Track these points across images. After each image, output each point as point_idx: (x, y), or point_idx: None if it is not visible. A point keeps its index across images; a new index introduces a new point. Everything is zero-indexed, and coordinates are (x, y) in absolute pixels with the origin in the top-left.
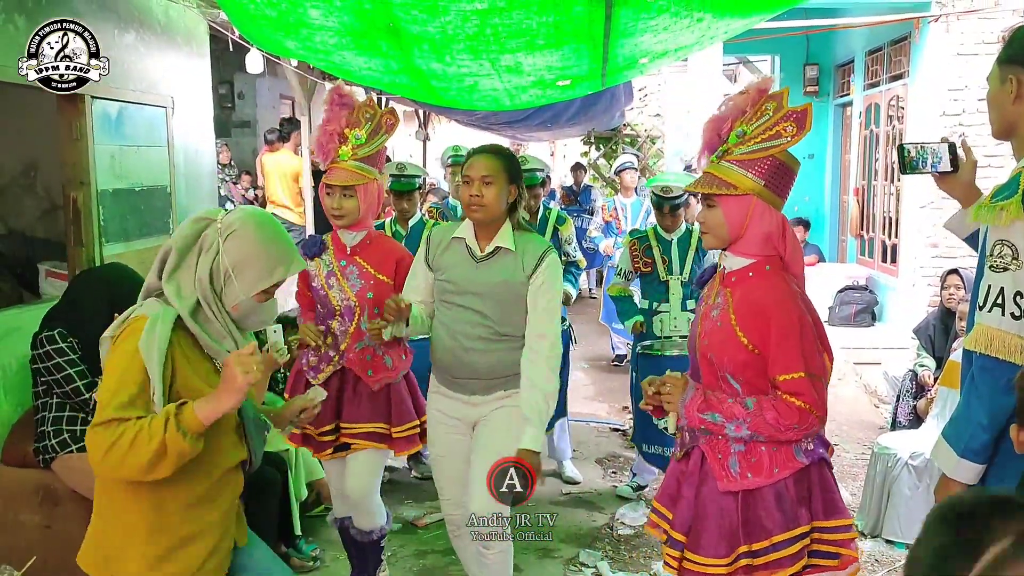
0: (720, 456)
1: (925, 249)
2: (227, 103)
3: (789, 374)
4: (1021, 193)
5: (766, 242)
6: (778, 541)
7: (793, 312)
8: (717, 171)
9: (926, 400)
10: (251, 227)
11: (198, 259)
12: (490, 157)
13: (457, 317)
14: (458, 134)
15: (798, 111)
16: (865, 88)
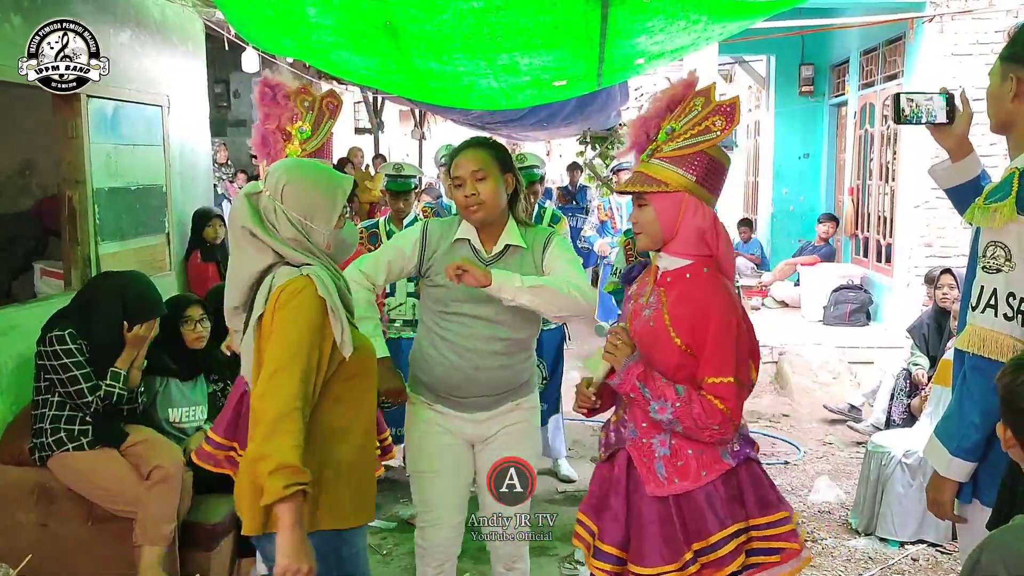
0: (646, 460)
1: (919, 249)
2: (223, 102)
3: (719, 378)
4: (1014, 195)
5: (700, 240)
6: (715, 540)
7: (732, 317)
8: (647, 169)
9: (920, 399)
10: (295, 173)
11: (277, 227)
12: (476, 150)
13: (466, 332)
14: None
15: (726, 105)
16: (860, 88)
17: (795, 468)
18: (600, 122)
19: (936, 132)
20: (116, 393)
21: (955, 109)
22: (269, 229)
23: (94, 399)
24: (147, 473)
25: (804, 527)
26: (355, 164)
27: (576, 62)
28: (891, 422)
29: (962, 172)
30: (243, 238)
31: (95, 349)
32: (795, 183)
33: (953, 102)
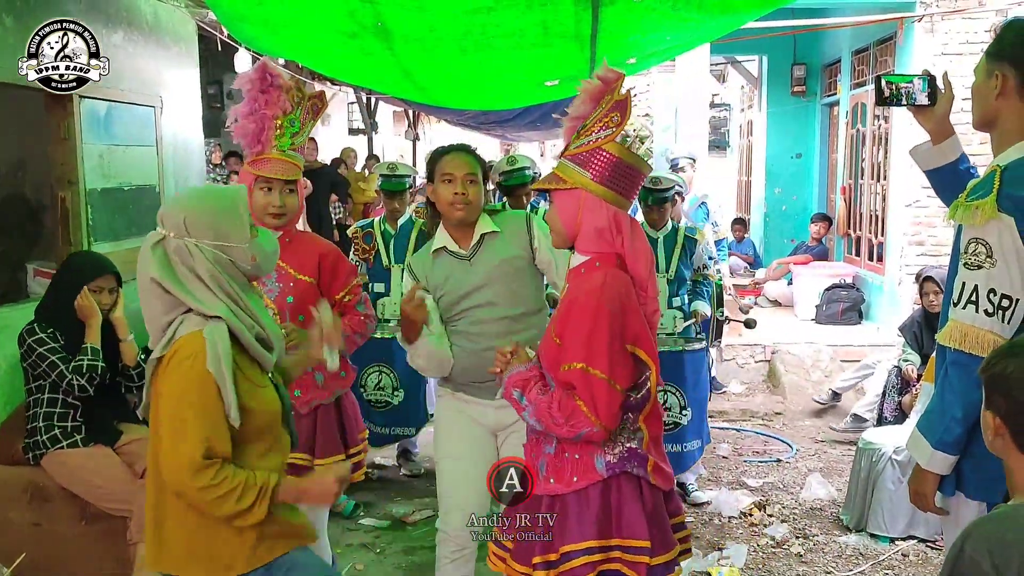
0: (534, 456)
1: (910, 247)
2: (216, 103)
3: (568, 364)
4: (995, 193)
5: (599, 237)
6: (567, 551)
7: (592, 304)
8: (557, 168)
9: (911, 396)
10: (190, 203)
11: (193, 269)
12: (469, 156)
13: (470, 320)
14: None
15: (620, 100)
16: (852, 88)
17: (787, 466)
18: None
19: (918, 114)
20: (97, 366)
21: (937, 91)
22: (180, 277)
23: (75, 379)
24: (141, 472)
25: (796, 524)
26: (349, 165)
27: (567, 61)
28: (883, 419)
29: (942, 154)
30: (151, 290)
31: (67, 333)
32: (788, 183)
33: (935, 84)
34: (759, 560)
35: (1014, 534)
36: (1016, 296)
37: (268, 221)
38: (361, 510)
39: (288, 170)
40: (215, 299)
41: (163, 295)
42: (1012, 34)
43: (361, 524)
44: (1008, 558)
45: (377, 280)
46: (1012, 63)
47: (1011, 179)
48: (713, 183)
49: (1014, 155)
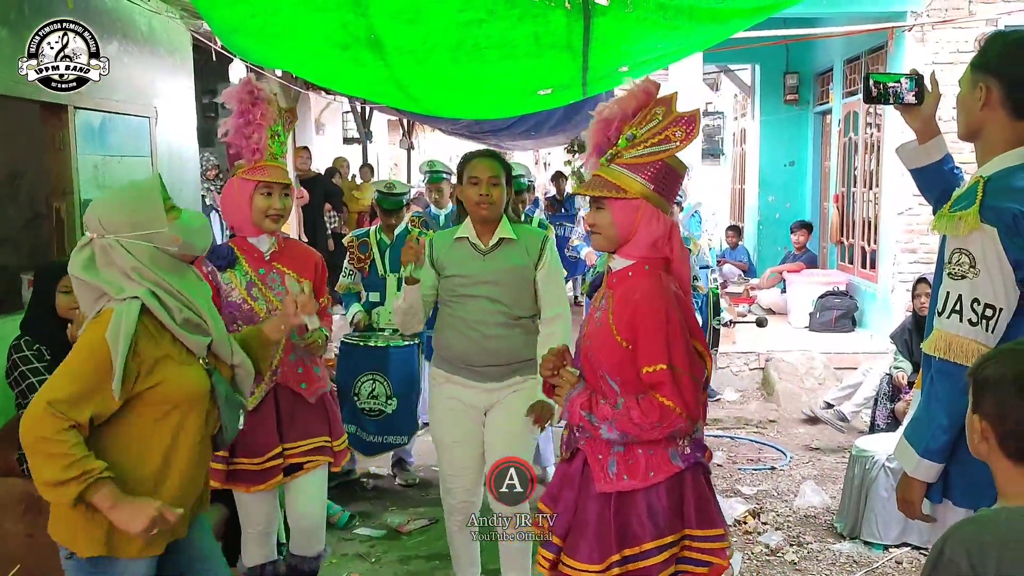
0: (600, 457)
1: (903, 255)
2: (211, 113)
3: (652, 366)
4: (978, 204)
5: (653, 247)
6: (648, 548)
7: (660, 306)
8: (607, 174)
9: (904, 403)
10: (101, 205)
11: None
12: (494, 160)
13: (473, 308)
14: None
15: (686, 116)
16: (844, 96)
17: (781, 473)
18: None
19: (905, 112)
20: None
21: (924, 90)
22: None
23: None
24: None
25: (791, 531)
26: (342, 174)
27: (560, 71)
28: (875, 426)
29: (927, 153)
30: (76, 285)
31: (52, 345)
32: (781, 191)
33: (922, 83)
34: (753, 568)
35: (992, 536)
36: (999, 305)
37: (267, 224)
38: (356, 520)
39: (284, 175)
40: (133, 285)
41: (87, 287)
42: (997, 46)
43: (356, 534)
44: (985, 559)
45: (372, 289)
46: (996, 75)
47: (994, 190)
48: (707, 191)
49: (997, 166)
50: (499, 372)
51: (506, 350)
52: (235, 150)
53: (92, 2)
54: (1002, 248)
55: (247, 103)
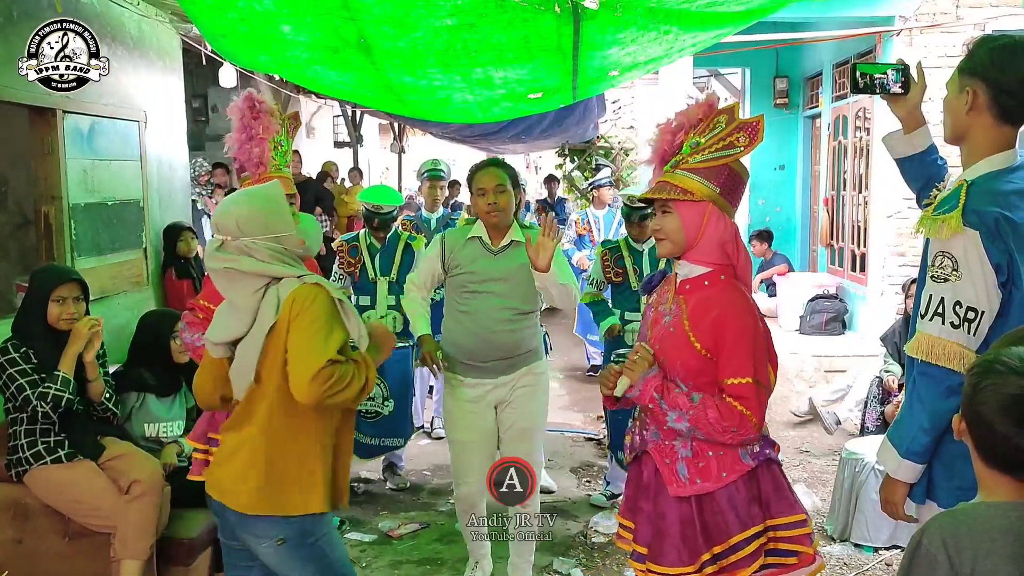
0: (668, 462)
1: (892, 258)
2: (201, 116)
3: (738, 378)
4: (961, 207)
5: (721, 249)
6: (736, 542)
7: (749, 320)
8: (673, 179)
9: (893, 406)
10: (239, 208)
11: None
12: (498, 169)
13: (481, 304)
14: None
15: (750, 122)
16: (833, 100)
17: None
18: (578, 135)
19: (891, 102)
20: (63, 397)
21: (910, 80)
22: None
23: (40, 404)
24: (126, 487)
25: None
26: (333, 178)
27: (550, 74)
28: (865, 429)
29: (912, 143)
30: (227, 278)
31: (40, 351)
32: (771, 194)
33: (908, 73)
34: None
35: (968, 528)
36: (981, 308)
37: None
38: (347, 525)
39: (289, 186)
40: (286, 268)
41: (239, 276)
42: (984, 50)
43: (347, 539)
44: (961, 550)
45: (362, 293)
46: (983, 79)
47: (977, 194)
48: None
49: (982, 169)
50: (506, 365)
51: (512, 343)
52: (239, 164)
53: (81, 6)
54: (984, 251)
55: (248, 117)
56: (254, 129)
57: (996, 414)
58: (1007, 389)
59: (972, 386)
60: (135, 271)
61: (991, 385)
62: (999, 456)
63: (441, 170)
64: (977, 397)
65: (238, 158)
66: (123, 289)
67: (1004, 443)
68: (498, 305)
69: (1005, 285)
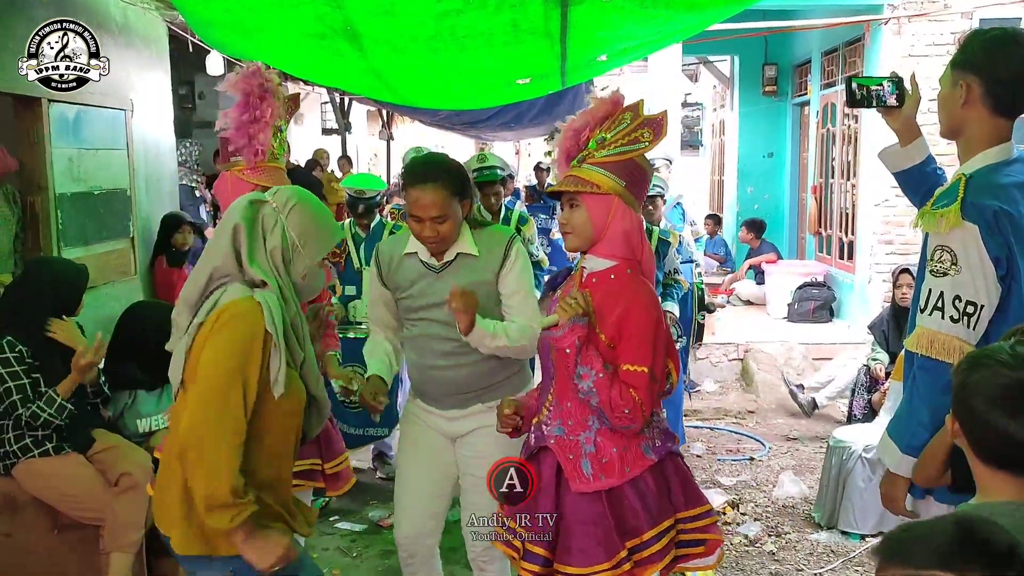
0: (571, 457)
1: (880, 246)
2: (188, 103)
3: (635, 366)
4: (959, 201)
5: (627, 243)
6: (648, 538)
7: (652, 313)
8: (580, 173)
9: (880, 393)
10: (306, 202)
11: (265, 238)
12: (436, 189)
13: (421, 333)
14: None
15: (655, 118)
16: (822, 88)
17: (760, 464)
18: None
19: (886, 115)
20: (44, 417)
21: (905, 93)
22: (255, 236)
23: (26, 411)
24: (115, 480)
25: (769, 522)
26: (323, 166)
27: (538, 59)
28: (852, 417)
29: (909, 155)
30: (226, 234)
31: (37, 351)
32: (760, 182)
33: (903, 86)
34: (733, 559)
35: None
36: (981, 302)
37: None
38: (338, 516)
39: (284, 178)
40: (268, 268)
41: (228, 249)
42: (976, 44)
43: (337, 528)
44: None
45: (348, 283)
46: (976, 72)
47: (975, 187)
48: (687, 182)
49: (979, 163)
50: (457, 400)
51: (456, 380)
52: (234, 147)
53: None
54: (983, 245)
55: (255, 96)
56: (260, 110)
57: (988, 408)
58: (997, 380)
59: (961, 383)
60: (122, 261)
61: (980, 379)
62: (996, 453)
63: None
64: (967, 393)
65: (233, 139)
66: (110, 279)
67: (1000, 437)
68: (440, 335)
69: (1004, 279)
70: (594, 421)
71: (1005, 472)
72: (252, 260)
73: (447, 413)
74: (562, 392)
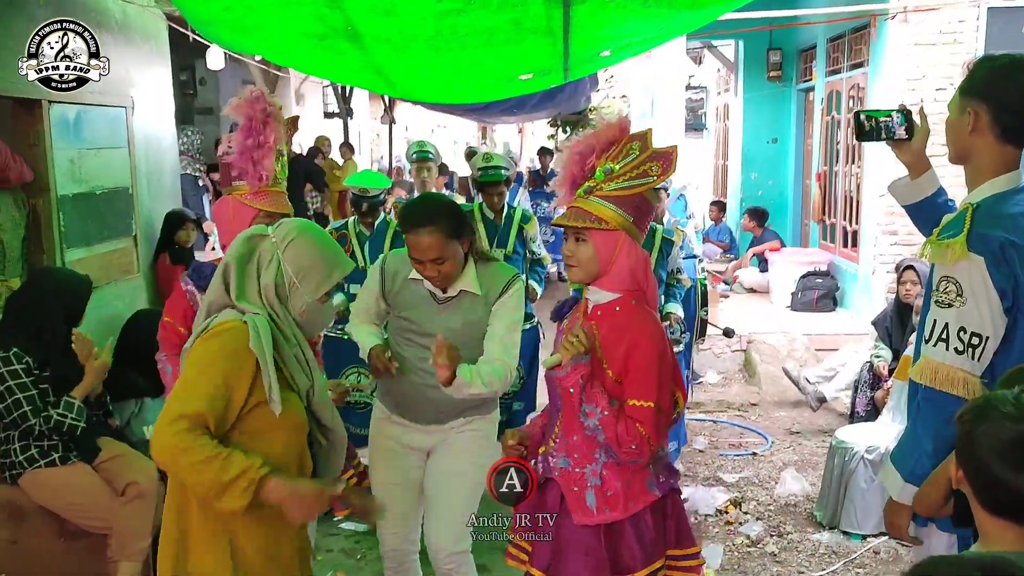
0: (576, 489)
1: (884, 236)
2: (188, 90)
3: (640, 401)
4: (965, 232)
5: (631, 277)
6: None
7: (657, 347)
8: (587, 206)
9: (883, 391)
10: (306, 235)
11: (259, 273)
12: (432, 234)
13: (418, 355)
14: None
15: (665, 152)
16: (827, 75)
17: (763, 459)
18: (570, 107)
19: (896, 148)
20: (68, 423)
21: (913, 125)
22: (246, 273)
23: (37, 422)
24: (122, 489)
25: (771, 521)
26: (324, 154)
27: (541, 57)
28: (855, 414)
29: (920, 189)
30: (221, 272)
31: (45, 363)
32: (764, 168)
33: (911, 118)
34: (735, 560)
35: None
36: (986, 334)
37: None
38: (342, 516)
39: (286, 203)
40: (259, 304)
41: (219, 284)
42: (984, 70)
43: (341, 528)
44: None
45: (353, 281)
46: (984, 99)
47: (982, 218)
48: (690, 166)
49: (986, 192)
50: (439, 416)
51: (446, 401)
52: (238, 172)
53: None
54: (989, 277)
55: (258, 121)
56: (263, 136)
57: (994, 460)
58: (1003, 435)
59: (966, 434)
60: (125, 259)
61: (986, 431)
62: (1001, 503)
63: (428, 151)
64: (973, 445)
65: (236, 164)
66: (114, 278)
67: (1006, 489)
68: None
69: (1010, 310)
70: (600, 455)
71: (1009, 520)
72: (240, 296)
73: (427, 428)
74: (568, 426)
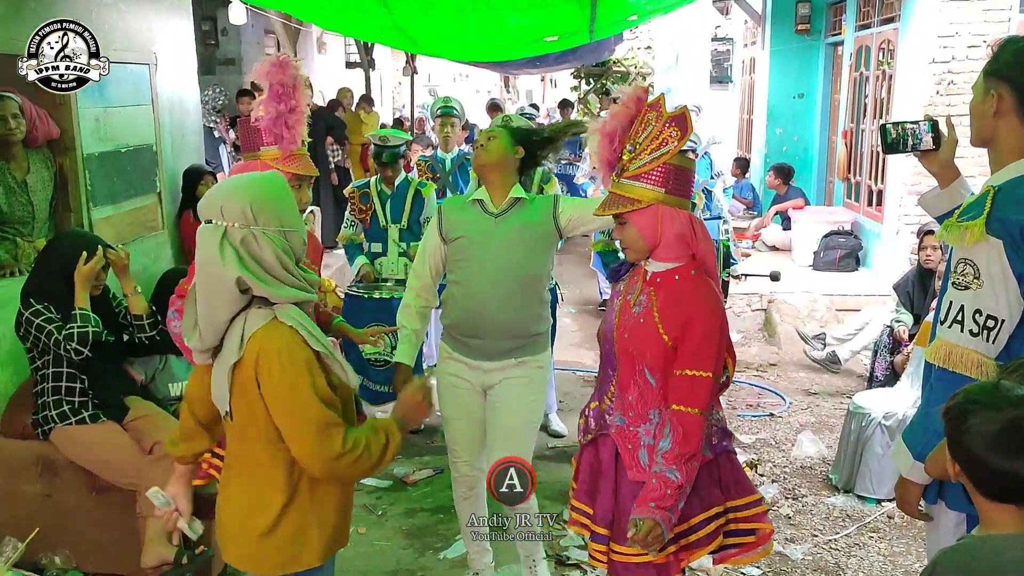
0: (631, 447)
1: (909, 197)
2: (210, 40)
3: (698, 371)
4: (985, 215)
5: (681, 243)
6: (695, 523)
7: (716, 317)
8: (619, 189)
9: (903, 356)
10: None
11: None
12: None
13: (474, 274)
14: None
15: (677, 115)
16: (856, 29)
17: (780, 420)
18: (593, 59)
19: (923, 158)
20: (88, 331)
21: (940, 135)
22: (252, 270)
23: (67, 344)
24: (149, 447)
25: (787, 483)
26: (345, 106)
27: (568, 21)
28: (874, 378)
29: (950, 198)
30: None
31: (58, 307)
32: (789, 123)
33: (938, 128)
34: None
35: (979, 563)
36: (1001, 317)
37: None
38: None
39: (312, 166)
40: (286, 286)
41: (234, 292)
42: (1008, 53)
43: (362, 485)
44: None
45: (374, 240)
46: (1008, 81)
47: (1003, 201)
48: (715, 119)
49: (1008, 175)
50: (496, 350)
51: (504, 324)
52: (273, 137)
53: None
54: (1007, 260)
55: (288, 87)
56: (295, 100)
57: (986, 451)
58: (989, 426)
59: (955, 430)
60: (150, 216)
61: (973, 425)
62: (999, 489)
63: (453, 107)
64: (963, 440)
65: (270, 131)
66: (139, 235)
67: (1001, 477)
68: (492, 277)
69: None
70: (655, 415)
71: (1009, 505)
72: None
73: (483, 364)
74: (624, 384)
